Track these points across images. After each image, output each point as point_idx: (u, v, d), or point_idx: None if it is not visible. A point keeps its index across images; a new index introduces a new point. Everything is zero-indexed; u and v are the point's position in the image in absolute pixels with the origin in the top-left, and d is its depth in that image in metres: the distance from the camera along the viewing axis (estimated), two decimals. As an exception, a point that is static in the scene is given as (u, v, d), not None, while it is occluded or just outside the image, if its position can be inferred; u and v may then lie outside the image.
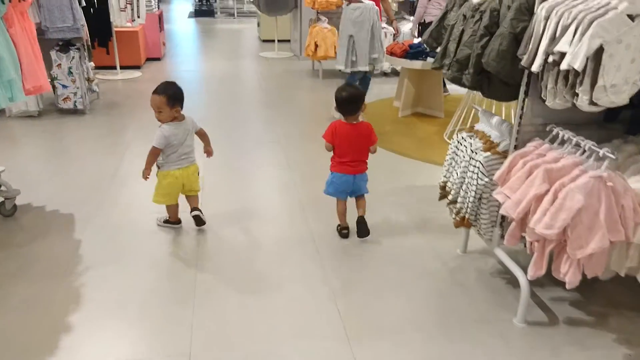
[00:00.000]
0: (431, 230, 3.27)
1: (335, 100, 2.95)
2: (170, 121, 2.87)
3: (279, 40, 8.97)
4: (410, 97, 5.53)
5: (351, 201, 3.16)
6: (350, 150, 2.93)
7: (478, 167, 2.49)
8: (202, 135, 3.11)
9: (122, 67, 7.22)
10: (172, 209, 3.11)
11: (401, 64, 5.33)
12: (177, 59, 8.47)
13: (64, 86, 5.17)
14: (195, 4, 14.89)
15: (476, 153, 2.53)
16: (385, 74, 7.54)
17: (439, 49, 2.81)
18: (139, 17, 6.73)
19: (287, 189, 3.86)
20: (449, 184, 2.78)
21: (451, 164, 2.77)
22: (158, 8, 8.37)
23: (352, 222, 3.15)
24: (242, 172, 4.15)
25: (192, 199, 3.12)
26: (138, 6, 6.68)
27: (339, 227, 3.16)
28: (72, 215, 3.33)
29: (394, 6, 7.13)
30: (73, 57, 5.09)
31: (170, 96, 2.82)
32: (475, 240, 2.94)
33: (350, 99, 2.90)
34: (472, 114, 4.75)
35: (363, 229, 3.06)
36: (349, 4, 5.14)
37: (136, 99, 6.00)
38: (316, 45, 6.96)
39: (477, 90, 2.59)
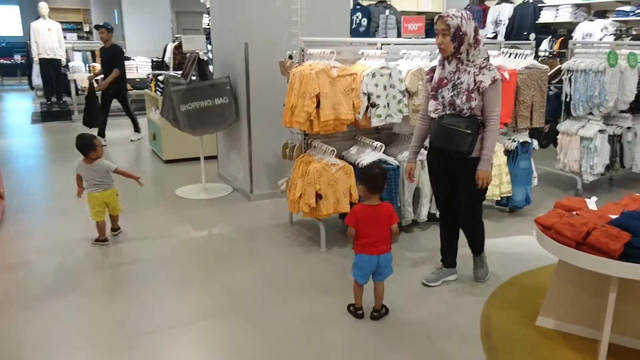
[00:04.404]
0: None
1: (367, 176, 2.99)
2: (87, 162, 3.97)
3: (190, 160, 5.48)
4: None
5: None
6: (372, 232, 2.94)
7: None
8: (120, 173, 4.06)
9: None
10: (100, 226, 4.00)
11: (628, 273, 2.33)
12: (28, 223, 4.58)
13: None
14: (37, 101, 10.77)
15: None
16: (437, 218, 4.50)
17: None
18: None
19: None
20: None
21: None
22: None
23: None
24: None
25: (114, 220, 4.17)
26: None
27: (351, 307, 3.10)
28: None
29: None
30: None
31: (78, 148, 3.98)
32: None
33: (383, 175, 3.02)
34: None
35: (376, 318, 3.06)
36: None
37: None
38: (318, 196, 3.78)
39: None
